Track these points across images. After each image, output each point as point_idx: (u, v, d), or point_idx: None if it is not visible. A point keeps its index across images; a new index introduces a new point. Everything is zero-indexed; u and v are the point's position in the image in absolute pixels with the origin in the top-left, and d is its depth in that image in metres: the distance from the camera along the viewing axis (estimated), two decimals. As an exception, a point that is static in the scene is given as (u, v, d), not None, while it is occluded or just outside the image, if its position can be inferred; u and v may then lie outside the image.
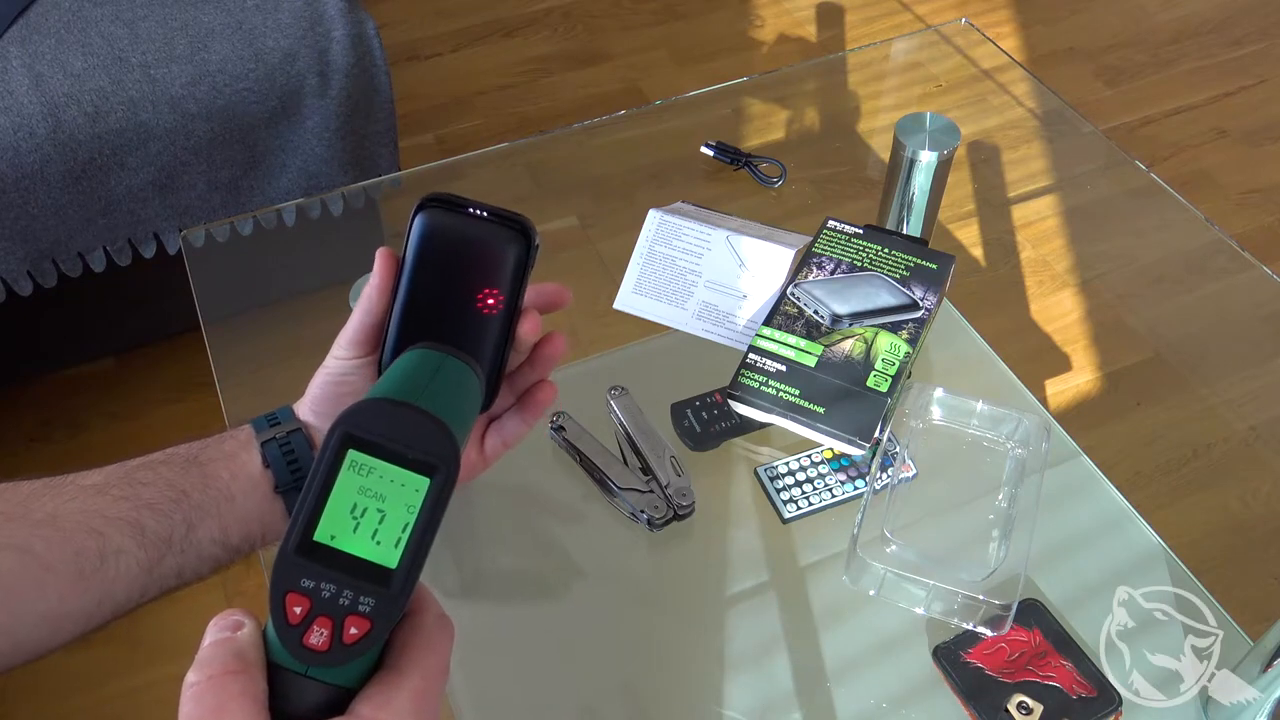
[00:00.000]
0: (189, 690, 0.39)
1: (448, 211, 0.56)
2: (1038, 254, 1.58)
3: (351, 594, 0.39)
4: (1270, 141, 2.10)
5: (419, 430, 0.41)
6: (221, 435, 0.59)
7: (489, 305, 0.56)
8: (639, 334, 0.93)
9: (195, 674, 0.39)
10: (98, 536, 0.52)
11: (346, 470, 0.40)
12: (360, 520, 0.40)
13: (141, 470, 0.56)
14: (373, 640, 0.40)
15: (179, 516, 0.55)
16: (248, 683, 0.39)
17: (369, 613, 0.39)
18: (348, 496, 0.40)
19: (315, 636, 0.39)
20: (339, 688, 0.40)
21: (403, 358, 0.49)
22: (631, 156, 1.30)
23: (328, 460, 0.40)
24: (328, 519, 0.40)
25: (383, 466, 0.41)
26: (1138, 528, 0.86)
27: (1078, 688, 0.73)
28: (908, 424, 0.84)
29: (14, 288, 1.35)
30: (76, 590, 0.51)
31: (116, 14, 1.36)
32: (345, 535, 0.40)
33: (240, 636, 0.40)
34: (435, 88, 2.19)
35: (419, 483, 0.41)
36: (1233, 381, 1.41)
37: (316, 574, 0.39)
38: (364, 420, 0.41)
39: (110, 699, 1.34)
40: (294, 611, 0.39)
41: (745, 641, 0.79)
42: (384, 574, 0.40)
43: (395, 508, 0.41)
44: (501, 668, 0.78)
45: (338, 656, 0.39)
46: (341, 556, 0.40)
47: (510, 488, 0.86)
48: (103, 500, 0.53)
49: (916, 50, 1.53)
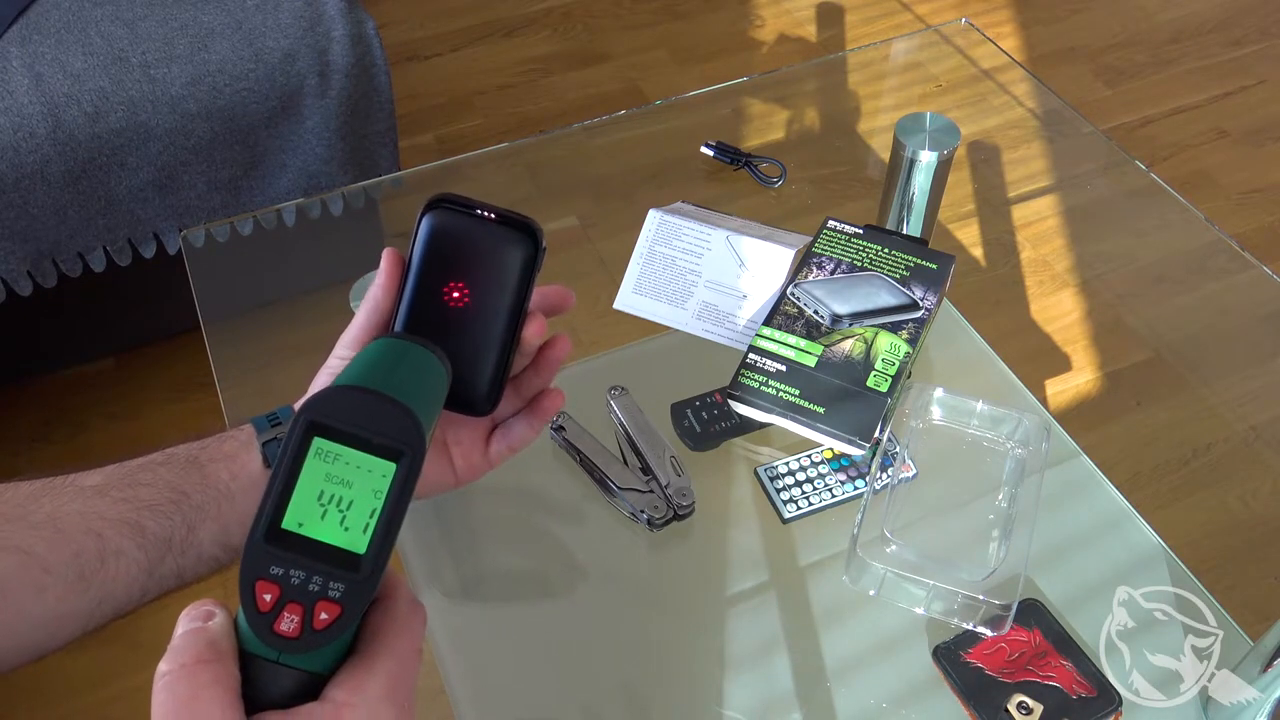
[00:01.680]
0: (161, 680, 0.39)
1: (455, 213, 0.56)
2: (1038, 254, 1.58)
3: (321, 580, 0.39)
4: (1270, 141, 2.10)
5: (383, 416, 0.41)
6: (221, 435, 0.59)
7: (495, 307, 0.56)
8: (639, 334, 0.93)
9: (167, 663, 0.39)
10: (97, 538, 0.52)
11: (312, 458, 0.41)
12: (328, 507, 0.41)
13: (141, 471, 0.55)
14: (343, 625, 0.40)
15: (179, 518, 0.55)
16: (220, 671, 0.39)
17: (339, 598, 0.40)
18: (314, 484, 0.41)
19: (286, 623, 0.39)
20: (311, 673, 0.40)
21: (368, 347, 0.49)
22: (631, 156, 1.30)
23: (293, 448, 0.41)
24: (295, 506, 0.40)
25: (348, 453, 0.41)
26: (1138, 528, 0.86)
27: (1078, 688, 0.73)
28: (908, 424, 0.84)
29: (14, 288, 1.35)
30: (77, 591, 0.51)
31: (116, 14, 1.36)
32: (313, 522, 0.40)
33: (212, 626, 0.40)
34: (435, 88, 2.19)
35: (385, 468, 0.41)
36: (1233, 381, 1.41)
37: (285, 561, 0.40)
38: (328, 408, 0.41)
39: (110, 699, 1.34)
40: (264, 599, 0.39)
41: (745, 641, 0.79)
42: (353, 559, 0.40)
43: (362, 493, 0.41)
44: (501, 668, 0.78)
45: (309, 642, 0.39)
46: (310, 543, 0.40)
47: (510, 488, 0.86)
48: (102, 502, 0.53)
49: (916, 50, 1.53)
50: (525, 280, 0.56)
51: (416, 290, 0.56)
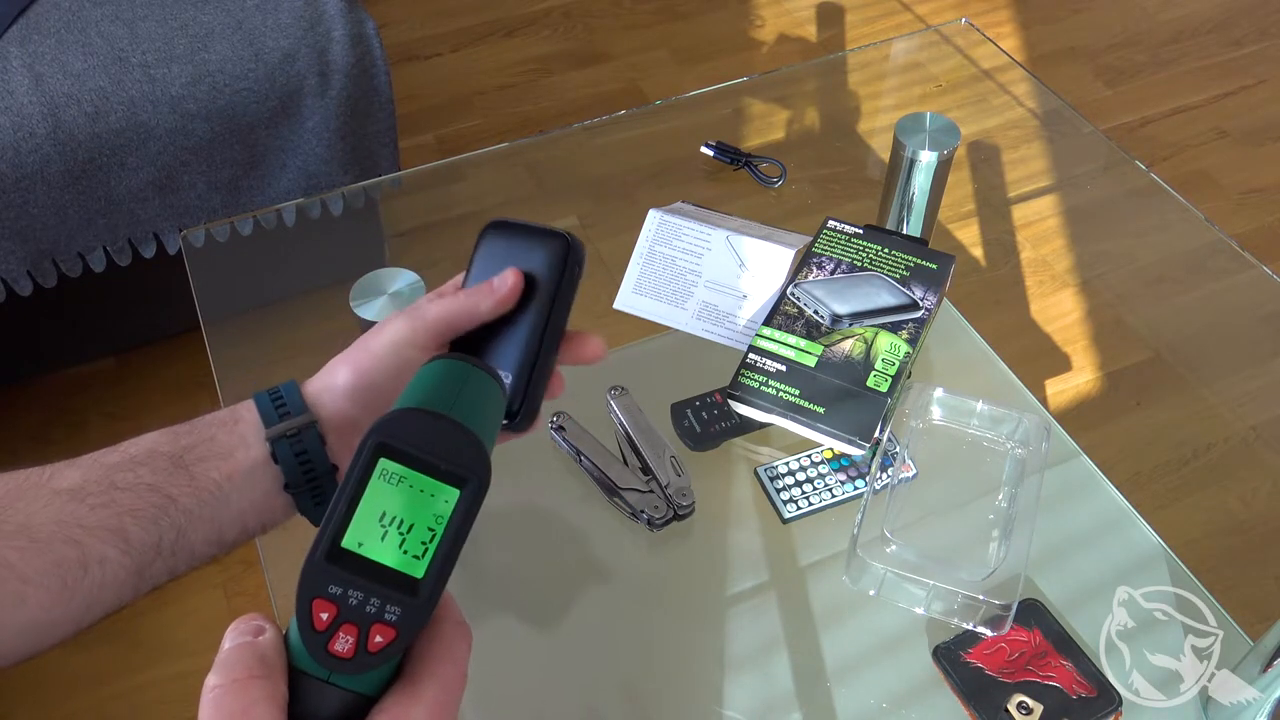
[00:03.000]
0: (210, 694, 0.38)
1: (506, 229, 0.59)
2: (1038, 254, 1.58)
3: (378, 602, 0.39)
4: (1270, 141, 2.10)
5: (451, 442, 0.41)
6: (211, 425, 0.56)
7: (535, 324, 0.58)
8: (639, 334, 0.93)
9: (217, 677, 0.39)
10: (77, 546, 0.50)
11: (377, 479, 0.41)
12: (389, 529, 0.40)
13: (120, 472, 0.53)
14: (397, 649, 0.40)
15: (166, 522, 0.53)
16: (270, 687, 0.39)
17: (395, 621, 0.39)
18: (377, 505, 0.41)
19: (340, 643, 0.39)
20: (359, 695, 0.40)
21: (427, 368, 0.49)
22: (631, 156, 1.30)
23: (360, 468, 0.41)
24: (356, 526, 0.40)
25: (414, 476, 0.41)
26: (1138, 528, 0.86)
27: (1078, 688, 0.73)
28: (908, 424, 0.84)
29: (14, 288, 1.35)
30: (60, 600, 0.50)
31: (116, 14, 1.36)
32: (373, 543, 0.40)
33: (262, 641, 0.40)
34: (435, 88, 2.19)
35: (449, 494, 0.41)
36: (1233, 381, 1.41)
37: (344, 581, 0.40)
38: (397, 430, 0.41)
39: (110, 699, 1.34)
40: (320, 618, 0.39)
41: (745, 641, 0.79)
42: (411, 583, 0.40)
43: (424, 518, 0.41)
44: (502, 667, 0.78)
45: (361, 664, 0.39)
46: (369, 565, 0.40)
47: (510, 487, 0.86)
48: (80, 508, 0.51)
49: (916, 50, 1.53)
50: (565, 294, 0.58)
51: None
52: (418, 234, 1.23)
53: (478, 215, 1.26)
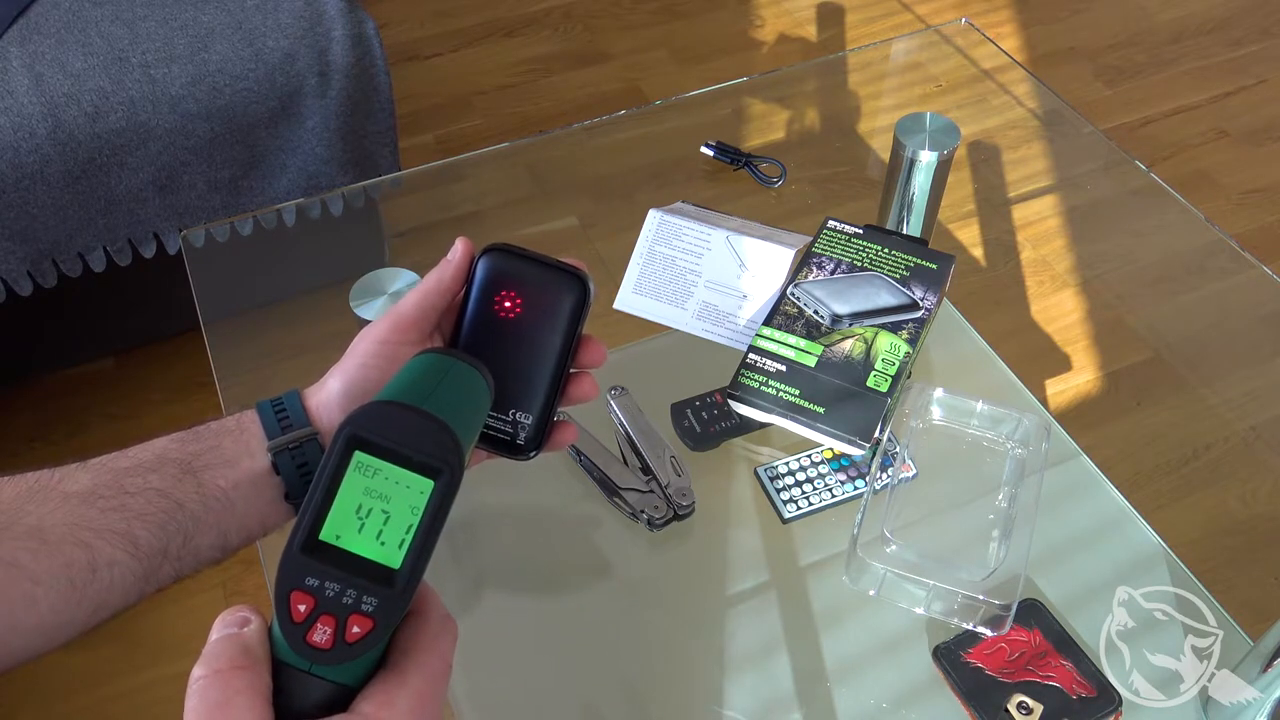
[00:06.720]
0: (195, 684, 0.39)
1: (511, 257, 0.58)
2: (1038, 254, 1.58)
3: (355, 593, 0.40)
4: (1270, 141, 2.10)
5: (424, 433, 0.42)
6: (217, 430, 0.57)
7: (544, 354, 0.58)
8: (639, 334, 0.93)
9: (201, 668, 0.39)
10: (86, 549, 0.51)
11: (352, 471, 0.41)
12: (365, 520, 0.41)
13: (130, 477, 0.54)
14: (375, 639, 0.40)
15: (174, 528, 0.53)
16: (253, 678, 0.39)
17: (372, 612, 0.40)
18: (353, 497, 0.41)
19: (318, 634, 0.39)
20: (341, 686, 0.41)
21: (411, 361, 0.49)
22: (631, 156, 1.30)
23: (334, 461, 0.41)
24: (333, 519, 0.41)
25: (388, 468, 0.41)
26: (1138, 528, 0.86)
27: (1078, 688, 0.73)
28: (908, 424, 0.84)
29: (14, 288, 1.35)
30: (69, 602, 0.51)
31: (116, 14, 1.36)
32: (350, 535, 0.41)
33: (247, 633, 0.40)
34: (435, 88, 2.19)
35: (423, 485, 0.41)
36: (1233, 381, 1.41)
37: (321, 573, 0.40)
38: (370, 422, 0.41)
39: (110, 699, 1.34)
40: (298, 609, 0.40)
41: (745, 641, 0.79)
42: (388, 574, 0.40)
43: (400, 509, 0.41)
44: (501, 667, 0.78)
45: (340, 654, 0.40)
46: (346, 556, 0.41)
47: (510, 487, 0.86)
48: (90, 511, 0.52)
49: (916, 50, 1.53)
50: (573, 327, 0.58)
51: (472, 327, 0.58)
52: (418, 234, 1.23)
53: (478, 215, 1.26)
